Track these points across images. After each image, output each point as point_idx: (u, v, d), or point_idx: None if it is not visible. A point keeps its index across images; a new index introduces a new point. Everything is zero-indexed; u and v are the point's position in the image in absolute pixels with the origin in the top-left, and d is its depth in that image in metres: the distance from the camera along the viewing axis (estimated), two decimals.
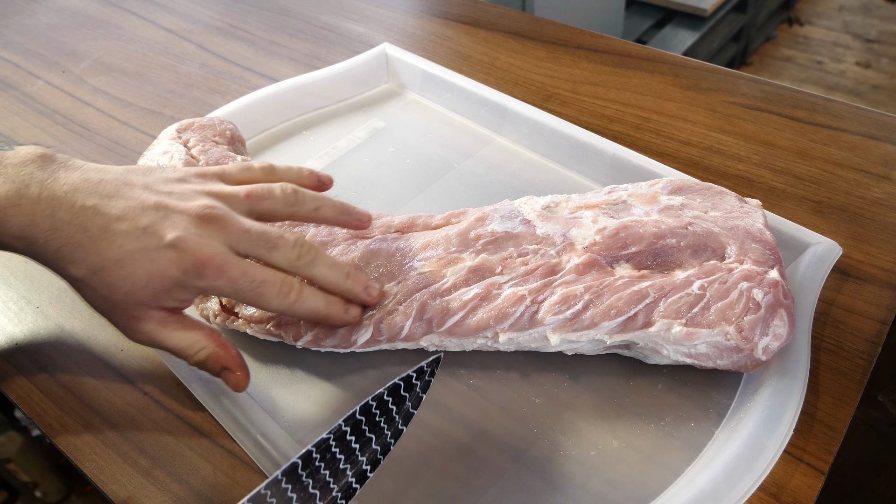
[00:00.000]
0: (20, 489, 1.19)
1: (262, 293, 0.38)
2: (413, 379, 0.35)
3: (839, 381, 0.41)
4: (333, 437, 0.33)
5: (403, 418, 0.35)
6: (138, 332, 0.38)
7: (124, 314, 0.37)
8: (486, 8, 0.82)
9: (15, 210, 0.36)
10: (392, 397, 0.35)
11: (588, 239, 0.42)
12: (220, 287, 0.37)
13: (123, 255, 0.36)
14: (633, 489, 0.37)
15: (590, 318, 0.39)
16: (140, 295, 0.36)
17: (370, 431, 0.34)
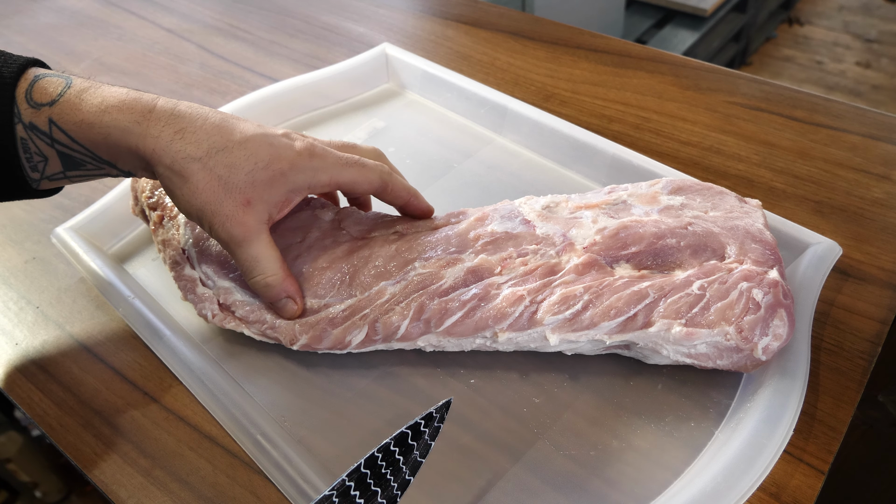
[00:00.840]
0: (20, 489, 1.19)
1: (365, 166, 0.43)
2: (422, 426, 0.34)
3: (839, 381, 0.41)
4: (337, 494, 0.32)
5: (411, 468, 0.33)
6: (239, 223, 0.39)
7: (239, 197, 0.39)
8: (486, 8, 0.82)
9: (135, 101, 0.38)
10: (399, 447, 0.33)
11: (588, 239, 0.42)
12: (330, 166, 0.41)
13: (246, 138, 0.39)
14: (633, 489, 0.37)
15: (589, 319, 0.39)
16: (260, 175, 0.39)
17: (376, 485, 0.32)
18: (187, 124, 0.39)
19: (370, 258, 0.44)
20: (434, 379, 0.42)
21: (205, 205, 0.39)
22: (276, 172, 0.39)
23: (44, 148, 0.38)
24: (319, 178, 0.41)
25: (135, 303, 0.45)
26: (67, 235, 0.50)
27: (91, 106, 0.38)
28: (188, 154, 0.38)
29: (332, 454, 0.39)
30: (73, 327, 0.48)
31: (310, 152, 0.41)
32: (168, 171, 0.38)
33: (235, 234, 0.39)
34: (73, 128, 0.38)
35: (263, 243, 0.41)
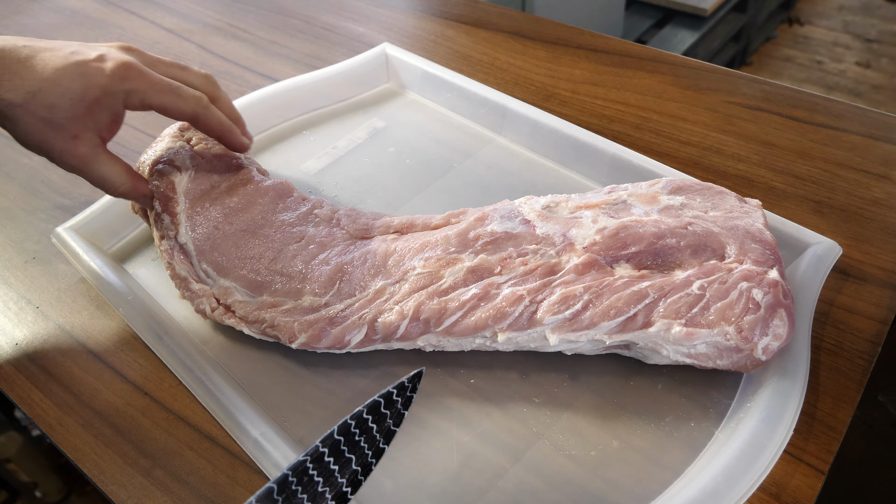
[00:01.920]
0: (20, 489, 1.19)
1: (181, 94, 0.44)
2: (394, 395, 0.34)
3: (839, 381, 0.41)
4: (311, 460, 0.32)
5: (384, 436, 0.34)
6: (75, 156, 0.42)
7: (65, 134, 0.41)
8: (486, 8, 0.82)
9: None
10: (372, 415, 0.33)
11: (588, 239, 0.42)
12: (143, 89, 0.43)
13: (56, 75, 0.41)
14: (633, 489, 0.37)
15: (589, 319, 0.39)
16: (78, 109, 0.41)
17: (350, 452, 0.33)
18: (3, 69, 0.40)
19: (369, 257, 0.44)
20: (434, 379, 0.42)
21: (39, 144, 0.42)
22: (92, 102, 0.41)
23: None
24: (132, 100, 0.43)
25: (135, 303, 0.45)
26: (67, 235, 0.50)
27: None
28: (10, 101, 0.40)
29: None
30: (73, 327, 0.48)
31: (122, 75, 0.42)
32: (2, 116, 0.41)
33: (75, 165, 0.43)
34: None
35: (103, 162, 0.44)
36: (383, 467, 0.38)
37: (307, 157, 0.60)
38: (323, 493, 0.32)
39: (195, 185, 0.48)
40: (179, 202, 0.48)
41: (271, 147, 0.61)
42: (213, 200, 0.48)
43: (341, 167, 0.59)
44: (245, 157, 0.52)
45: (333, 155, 0.60)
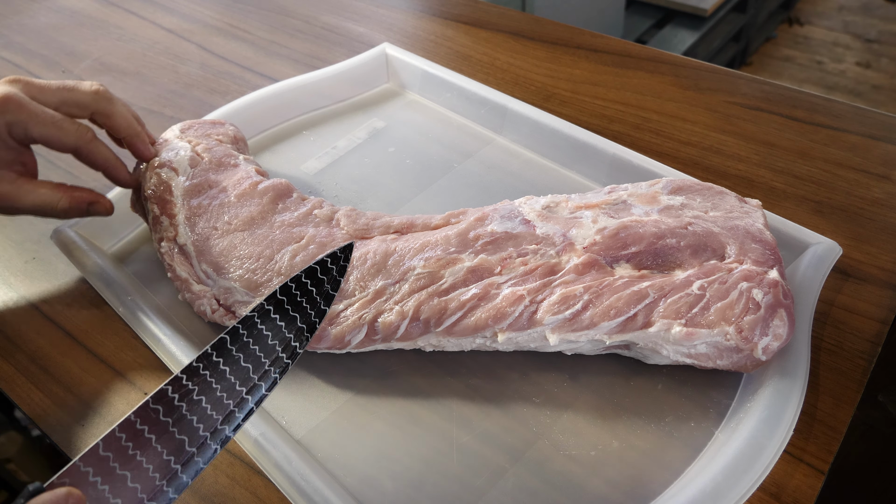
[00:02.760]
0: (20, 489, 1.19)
1: (63, 127, 0.44)
2: (329, 263, 0.38)
3: (839, 381, 0.41)
4: (258, 315, 0.34)
5: (325, 299, 0.37)
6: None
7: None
8: (486, 8, 0.82)
9: None
10: (310, 280, 0.36)
11: (588, 239, 0.42)
12: (23, 121, 0.42)
13: None
14: (633, 489, 0.37)
15: (589, 319, 0.39)
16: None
17: (294, 311, 0.35)
18: None
19: (369, 257, 0.44)
20: (434, 379, 0.42)
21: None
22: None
23: None
24: (15, 133, 0.43)
25: (135, 303, 0.45)
26: (67, 235, 0.50)
27: None
28: None
29: (332, 454, 0.39)
30: (73, 327, 0.48)
31: (1, 107, 0.42)
32: None
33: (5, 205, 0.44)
34: None
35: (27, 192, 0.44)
36: (383, 467, 0.38)
37: (307, 157, 0.60)
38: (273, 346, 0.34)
39: (194, 187, 0.48)
40: (177, 204, 0.48)
41: (271, 147, 0.61)
42: (211, 201, 0.48)
43: (341, 167, 0.59)
44: (244, 157, 0.52)
45: (333, 155, 0.60)
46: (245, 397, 0.32)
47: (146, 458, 0.29)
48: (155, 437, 0.30)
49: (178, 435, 0.30)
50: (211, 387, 0.31)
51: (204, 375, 0.31)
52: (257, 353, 0.33)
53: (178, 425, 0.30)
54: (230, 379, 0.32)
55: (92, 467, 0.28)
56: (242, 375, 0.32)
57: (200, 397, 0.31)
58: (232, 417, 0.31)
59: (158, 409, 0.30)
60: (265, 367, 0.33)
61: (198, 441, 0.30)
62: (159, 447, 0.29)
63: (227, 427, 0.31)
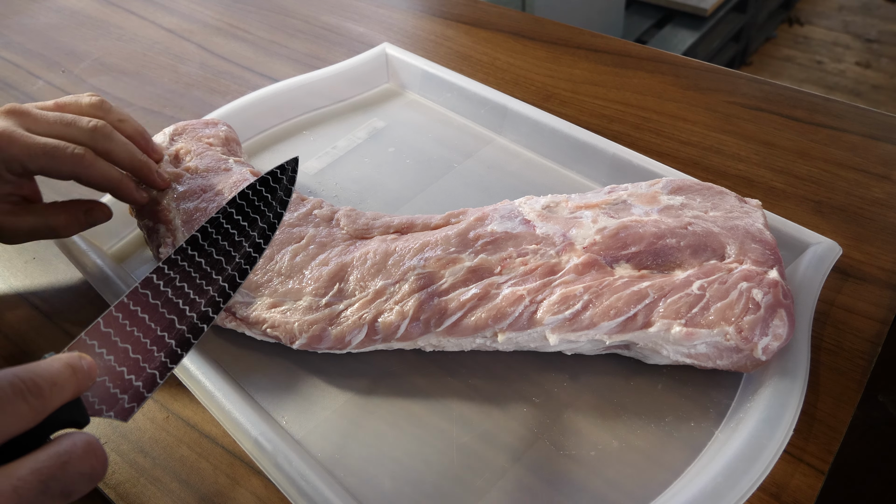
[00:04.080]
0: None
1: (56, 156, 0.42)
2: (278, 174, 0.40)
3: (839, 381, 0.41)
4: (223, 215, 0.38)
5: (279, 203, 0.40)
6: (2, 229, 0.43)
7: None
8: (486, 8, 0.82)
9: None
10: (264, 187, 0.40)
11: (588, 239, 0.42)
12: (17, 154, 0.41)
13: None
14: (633, 489, 0.37)
15: (589, 319, 0.39)
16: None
17: (253, 213, 0.39)
18: None
19: (369, 257, 0.44)
20: (434, 379, 0.42)
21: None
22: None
23: None
24: (12, 168, 0.42)
25: None
26: None
27: None
28: None
29: (332, 454, 0.39)
30: (73, 327, 0.48)
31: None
32: None
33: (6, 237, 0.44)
34: None
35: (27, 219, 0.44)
36: (383, 467, 0.38)
37: (307, 157, 0.60)
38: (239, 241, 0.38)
39: (186, 192, 0.49)
40: (171, 210, 0.48)
41: (271, 147, 0.61)
42: (208, 204, 0.48)
43: (341, 167, 0.59)
44: (235, 159, 0.52)
45: (333, 155, 0.60)
46: (221, 284, 0.36)
47: (142, 333, 0.33)
48: (148, 317, 0.34)
49: (167, 314, 0.34)
50: (190, 275, 0.36)
51: (182, 266, 0.36)
52: (227, 248, 0.37)
53: (166, 306, 0.34)
54: (206, 269, 0.36)
55: (97, 340, 0.32)
56: (216, 266, 0.36)
57: (182, 284, 0.35)
58: (211, 299, 0.35)
59: (147, 293, 0.34)
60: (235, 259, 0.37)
61: (185, 319, 0.34)
62: (152, 325, 0.33)
63: (209, 308, 0.35)
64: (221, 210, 0.38)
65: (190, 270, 0.36)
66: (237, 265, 0.37)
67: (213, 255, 0.37)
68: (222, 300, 0.36)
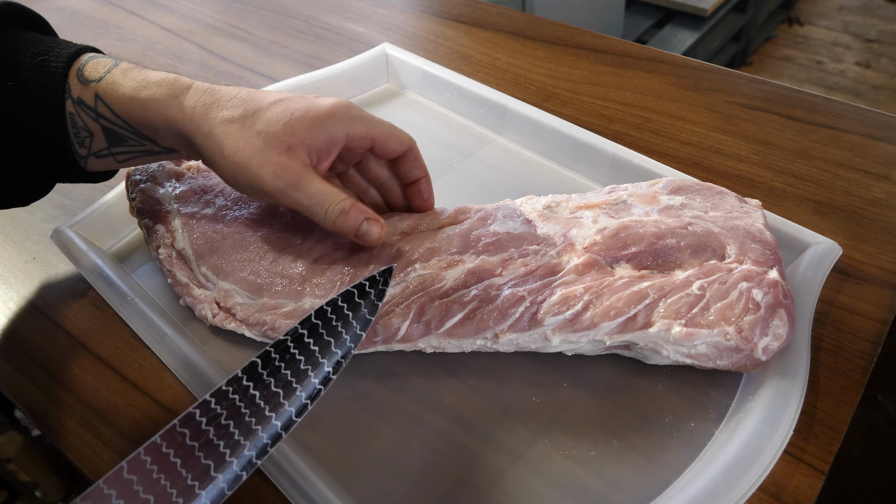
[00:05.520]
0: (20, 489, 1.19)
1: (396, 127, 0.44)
2: (367, 287, 0.36)
3: (839, 381, 0.41)
4: (291, 339, 0.33)
5: (361, 324, 0.35)
6: (287, 168, 0.39)
7: (279, 145, 0.39)
8: (486, 8, 0.82)
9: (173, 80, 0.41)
10: (347, 303, 0.35)
11: (588, 239, 0.42)
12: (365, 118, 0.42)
13: (280, 98, 0.41)
14: (633, 489, 0.37)
15: (589, 319, 0.39)
16: (298, 123, 0.40)
17: (328, 335, 0.34)
18: (222, 96, 0.41)
19: (371, 259, 0.44)
20: (434, 379, 0.42)
21: (249, 160, 0.39)
22: (315, 119, 0.40)
23: (89, 122, 0.41)
24: (357, 128, 0.42)
25: (135, 303, 0.45)
26: (67, 235, 0.50)
27: (133, 82, 0.41)
28: (224, 118, 0.40)
29: (332, 454, 0.39)
30: (73, 327, 0.48)
31: (347, 105, 0.42)
32: (206, 139, 0.40)
33: (288, 179, 0.40)
34: (115, 102, 0.40)
35: (318, 179, 0.41)
36: (383, 467, 0.38)
37: None
38: (306, 370, 0.33)
39: (185, 193, 0.48)
40: (171, 211, 0.48)
41: None
42: (207, 205, 0.48)
43: None
44: None
45: None
46: (274, 423, 0.31)
47: (170, 482, 0.28)
48: (180, 462, 0.29)
49: (203, 460, 0.29)
50: (239, 411, 0.31)
51: (233, 399, 0.31)
52: (288, 379, 0.32)
53: (204, 449, 0.29)
54: (259, 404, 0.31)
55: (115, 489, 0.28)
56: (272, 401, 0.31)
57: (228, 422, 0.30)
58: (259, 443, 0.30)
59: (185, 433, 0.30)
60: (296, 393, 0.32)
61: (224, 466, 0.29)
62: (184, 471, 0.29)
63: (254, 453, 0.30)
64: (291, 331, 0.34)
65: (241, 405, 0.31)
66: (297, 400, 0.32)
67: (272, 386, 0.32)
68: (271, 443, 0.31)
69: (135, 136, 0.42)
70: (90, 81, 0.41)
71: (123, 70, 0.41)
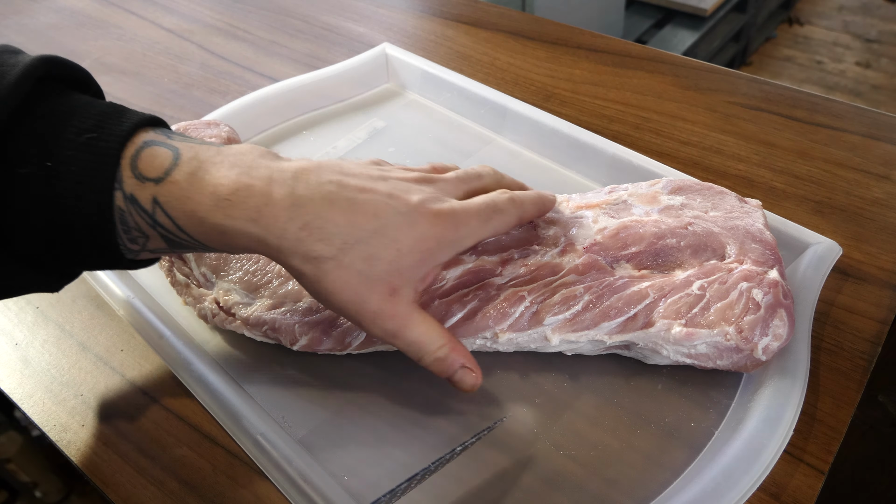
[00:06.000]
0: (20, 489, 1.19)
1: (498, 208, 0.39)
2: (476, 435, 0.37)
3: (839, 381, 0.41)
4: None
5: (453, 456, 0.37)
6: (391, 316, 0.36)
7: (383, 288, 0.35)
8: (486, 8, 0.82)
9: (248, 191, 0.33)
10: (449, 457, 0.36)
11: (589, 239, 0.42)
12: (472, 232, 0.38)
13: (381, 223, 0.34)
14: (633, 489, 0.37)
15: (590, 319, 0.39)
16: (405, 261, 0.35)
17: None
18: (311, 217, 0.33)
19: None
20: (434, 379, 0.42)
21: (347, 303, 0.35)
22: (423, 254, 0.36)
23: (143, 226, 0.33)
24: (464, 245, 0.38)
25: (135, 303, 0.45)
26: None
27: (202, 196, 0.33)
28: (319, 254, 0.34)
29: (332, 454, 0.39)
30: (73, 327, 0.48)
31: (453, 221, 0.36)
32: (298, 270, 0.34)
33: (389, 328, 0.36)
34: (180, 216, 0.33)
35: (418, 323, 0.37)
36: (383, 467, 0.38)
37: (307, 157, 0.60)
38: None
39: None
40: None
41: (271, 147, 0.61)
42: None
43: None
44: None
45: (333, 155, 0.60)
46: None
47: None
48: None
49: None
50: None
51: None
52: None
53: None
54: None
55: None
56: None
57: None
58: None
59: None
60: None
61: None
62: None
63: None
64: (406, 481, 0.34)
65: None
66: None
67: None
68: None
69: (204, 247, 0.35)
70: (147, 180, 0.32)
71: (187, 173, 0.33)
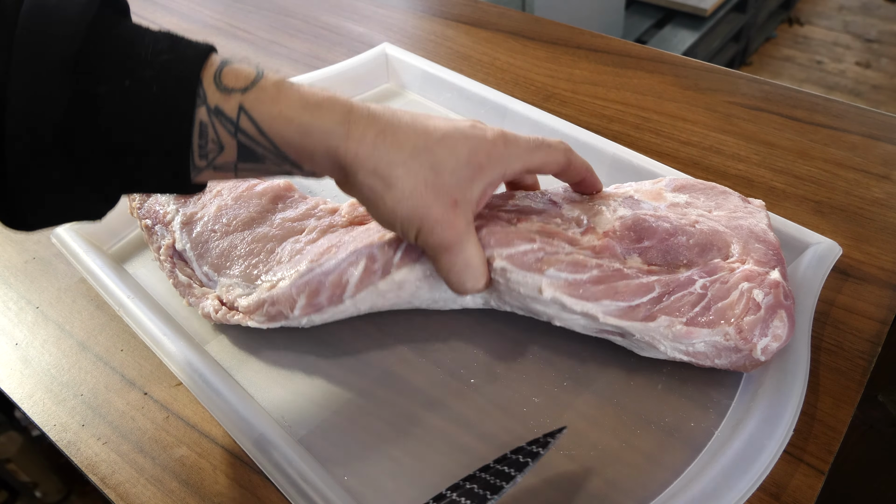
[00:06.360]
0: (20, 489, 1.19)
1: (550, 145, 0.41)
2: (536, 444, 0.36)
3: (839, 381, 0.41)
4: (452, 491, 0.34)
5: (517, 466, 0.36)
6: (450, 227, 0.37)
7: (447, 198, 0.37)
8: (486, 8, 0.82)
9: (333, 100, 0.35)
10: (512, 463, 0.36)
11: (609, 224, 0.42)
12: (521, 153, 0.40)
13: (443, 135, 0.37)
14: (633, 489, 0.37)
15: (592, 292, 0.39)
16: (463, 172, 0.37)
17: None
18: (386, 125, 0.36)
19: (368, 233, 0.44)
20: (434, 379, 0.42)
21: (413, 210, 0.36)
22: (476, 167, 0.38)
23: (224, 136, 0.34)
24: (513, 166, 0.40)
25: (135, 303, 0.45)
26: (67, 235, 0.50)
27: (291, 100, 0.34)
28: (391, 159, 0.36)
29: (332, 454, 0.39)
30: (73, 327, 0.48)
31: (503, 140, 0.39)
32: (371, 177, 0.36)
33: (447, 238, 0.37)
34: (266, 119, 0.34)
35: (473, 244, 0.39)
36: (383, 467, 0.38)
37: None
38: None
39: None
40: (170, 212, 0.48)
41: None
42: (207, 205, 0.48)
43: None
44: None
45: None
46: None
47: None
48: None
49: None
50: None
51: None
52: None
53: None
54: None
55: None
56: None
57: None
58: None
59: None
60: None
61: None
62: None
63: None
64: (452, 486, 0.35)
65: None
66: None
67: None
68: None
69: (275, 157, 0.36)
70: (233, 91, 0.34)
71: (275, 82, 0.35)
